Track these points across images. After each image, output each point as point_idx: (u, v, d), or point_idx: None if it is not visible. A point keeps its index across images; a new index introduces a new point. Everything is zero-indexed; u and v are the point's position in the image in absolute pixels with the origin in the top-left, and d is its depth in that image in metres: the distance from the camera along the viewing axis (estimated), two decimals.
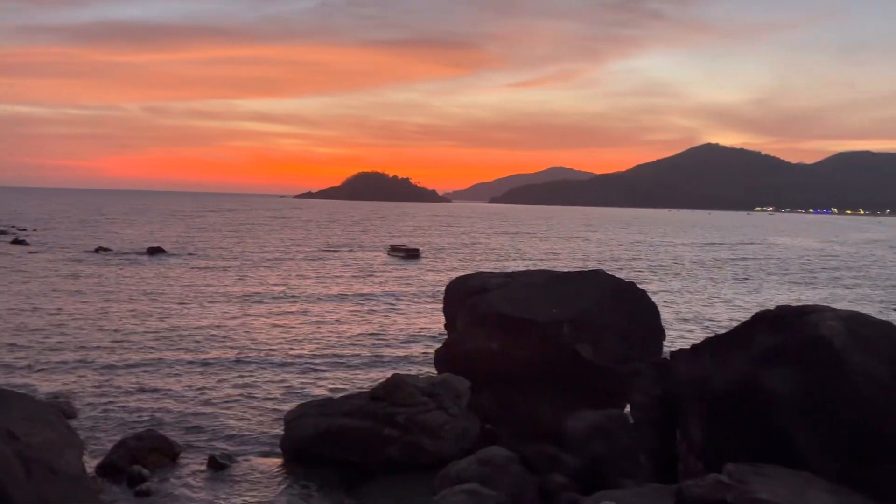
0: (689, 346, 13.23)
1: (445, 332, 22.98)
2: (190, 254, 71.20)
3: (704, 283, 64.02)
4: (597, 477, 14.66)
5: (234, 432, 19.21)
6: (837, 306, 19.25)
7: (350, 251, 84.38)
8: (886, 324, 10.00)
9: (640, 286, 21.97)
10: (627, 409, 15.71)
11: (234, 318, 36.48)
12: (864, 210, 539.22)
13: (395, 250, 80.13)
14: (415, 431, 16.52)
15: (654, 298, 22.50)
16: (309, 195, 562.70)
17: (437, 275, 59.95)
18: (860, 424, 8.86)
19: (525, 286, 20.13)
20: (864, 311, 33.38)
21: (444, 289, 23.70)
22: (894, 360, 9.13)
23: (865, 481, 8.73)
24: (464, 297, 20.69)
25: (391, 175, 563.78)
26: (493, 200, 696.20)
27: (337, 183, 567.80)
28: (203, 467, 16.65)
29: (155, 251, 69.22)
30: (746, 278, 69.99)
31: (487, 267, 64.44)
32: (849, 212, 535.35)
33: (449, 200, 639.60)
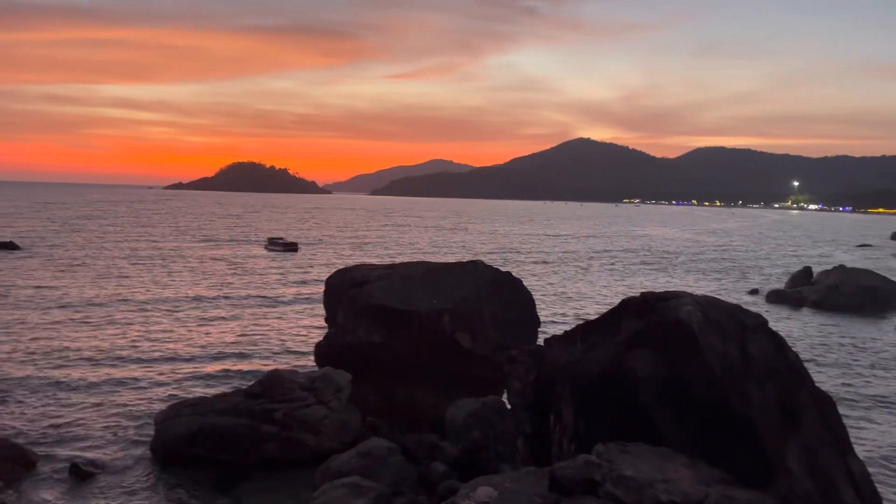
0: (561, 333, 13.75)
1: (326, 325, 22.70)
2: (45, 249, 66.30)
3: (577, 272, 66.73)
4: (476, 463, 15.01)
5: (99, 439, 18.12)
6: (695, 291, 20.58)
7: (224, 244, 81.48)
8: (735, 307, 10.81)
9: (516, 276, 22.66)
10: (506, 395, 16.17)
11: (97, 318, 34.35)
12: (720, 202, 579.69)
13: (272, 243, 78.18)
14: (294, 427, 16.24)
15: (530, 288, 23.28)
16: (180, 186, 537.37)
17: (317, 268, 59.08)
18: (713, 401, 9.55)
19: (405, 278, 20.22)
20: (717, 295, 35.78)
21: (323, 282, 23.40)
22: (742, 341, 9.90)
23: (718, 453, 9.42)
24: (344, 289, 20.51)
25: (268, 166, 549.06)
26: (374, 192, 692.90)
27: (210, 173, 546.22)
28: (65, 476, 15.61)
29: (5, 246, 63.95)
30: (616, 267, 73.56)
31: (368, 259, 64.18)
32: (706, 203, 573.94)
33: (329, 192, 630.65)
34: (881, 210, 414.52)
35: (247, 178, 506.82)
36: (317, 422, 16.38)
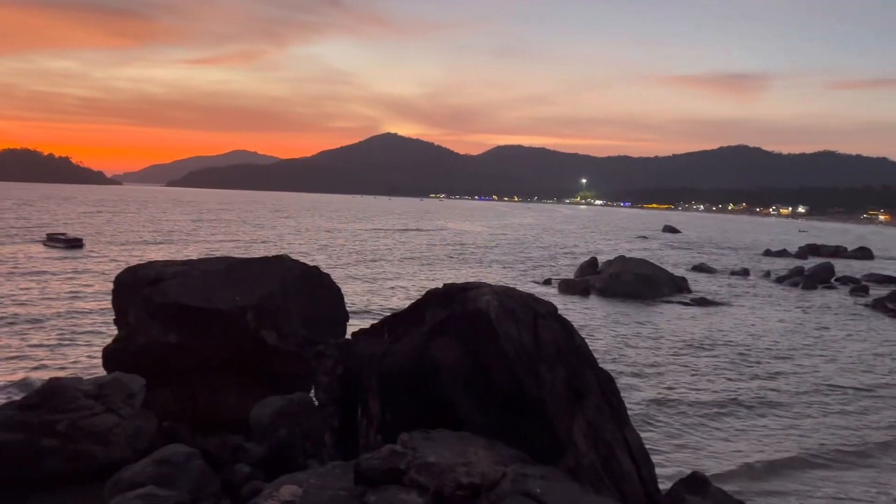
0: (368, 326, 13.85)
1: (115, 327, 21.00)
2: None
3: (386, 266, 67.54)
4: (283, 461, 14.71)
5: None
6: (494, 282, 21.65)
7: None
8: (529, 295, 11.55)
9: (324, 270, 22.44)
10: (313, 392, 15.99)
11: None
12: (518, 197, 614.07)
13: (53, 239, 70.89)
14: (79, 438, 14.88)
15: (339, 282, 23.17)
16: None
17: (104, 265, 54.51)
18: (509, 385, 10.14)
19: (205, 274, 19.26)
20: (514, 285, 37.86)
21: (112, 281, 21.61)
22: (535, 327, 10.60)
23: (514, 434, 10.01)
24: (136, 288, 19.10)
25: (46, 153, 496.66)
26: (171, 184, 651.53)
27: None
28: None
29: None
30: (422, 260, 75.40)
31: (163, 256, 60.32)
32: (506, 199, 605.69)
33: (119, 183, 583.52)
34: (655, 206, 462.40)
35: (22, 166, 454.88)
36: (106, 431, 15.14)
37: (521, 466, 8.84)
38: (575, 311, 44.42)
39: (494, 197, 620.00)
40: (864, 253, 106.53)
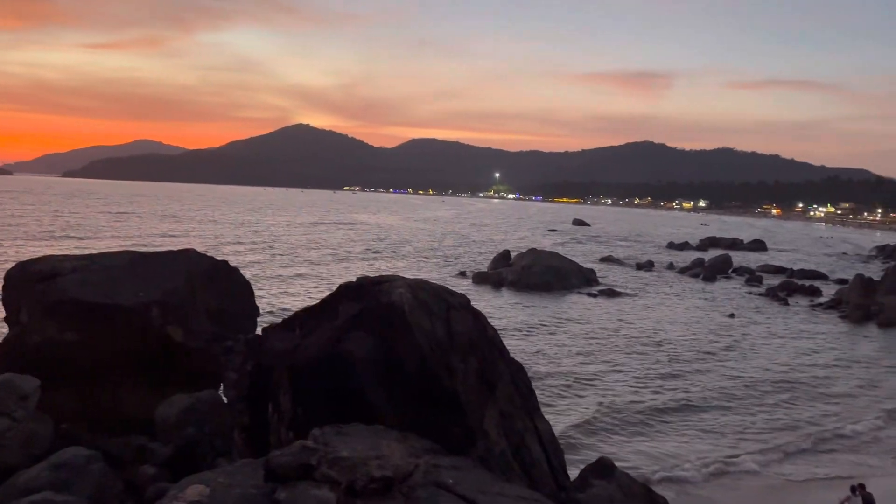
0: (280, 321, 13.61)
1: (5, 326, 19.79)
2: None
3: (298, 260, 66.46)
4: (191, 461, 14.25)
5: None
6: (409, 275, 21.66)
7: None
8: (442, 288, 11.64)
9: (234, 265, 21.86)
10: (223, 389, 15.59)
11: None
12: (433, 191, 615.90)
13: None
14: None
15: (249, 277, 22.63)
16: None
17: None
18: (423, 377, 10.20)
19: (106, 269, 18.39)
20: (430, 277, 37.94)
21: (1, 277, 20.35)
22: (447, 319, 10.70)
23: (428, 426, 10.08)
24: (29, 284, 18.04)
25: None
26: (67, 174, 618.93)
27: None
28: None
29: None
30: (336, 253, 74.62)
31: (60, 250, 57.28)
32: (421, 192, 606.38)
33: (10, 173, 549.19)
34: (565, 199, 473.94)
35: None
36: None
37: (433, 458, 8.91)
38: (488, 302, 45.05)
39: (409, 190, 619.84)
40: (758, 245, 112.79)
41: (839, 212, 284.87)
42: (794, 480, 19.38)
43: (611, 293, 53.34)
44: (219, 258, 21.47)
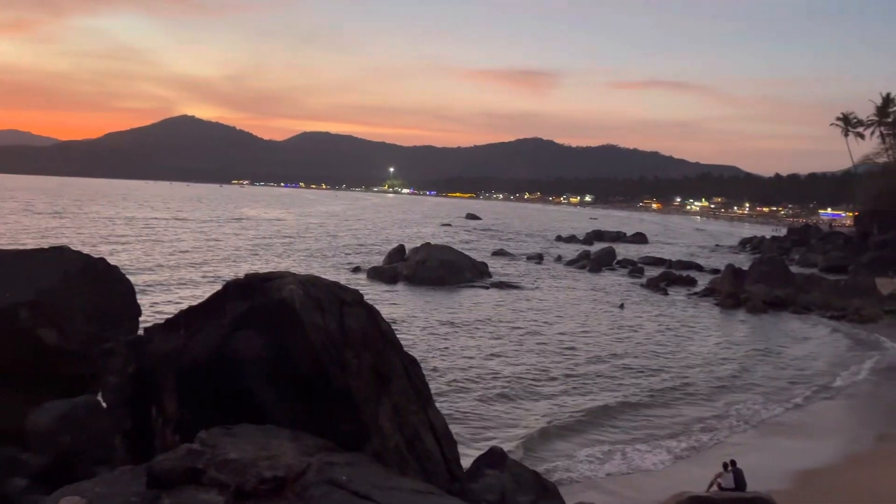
0: (163, 321, 13.04)
1: None
2: None
3: (181, 257, 63.89)
4: (68, 471, 13.44)
5: None
6: (303, 271, 21.26)
7: None
8: (335, 283, 11.50)
9: (113, 262, 20.76)
10: (101, 393, 14.77)
11: None
12: (326, 185, 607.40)
13: None
14: None
15: (130, 275, 21.56)
16: None
17: None
18: (315, 374, 10.05)
19: None
20: (324, 273, 37.54)
21: None
22: (340, 315, 10.59)
23: (322, 424, 9.96)
24: None
25: None
26: None
27: None
28: None
29: None
30: (224, 250, 72.28)
31: None
32: (314, 186, 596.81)
33: None
34: (459, 194, 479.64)
35: None
36: None
37: (327, 455, 8.82)
38: (383, 297, 44.99)
39: (301, 184, 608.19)
40: (640, 238, 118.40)
41: (712, 206, 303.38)
42: (677, 459, 20.53)
43: (503, 286, 54.53)
44: (96, 255, 20.34)
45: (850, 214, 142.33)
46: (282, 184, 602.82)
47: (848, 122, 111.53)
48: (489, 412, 23.64)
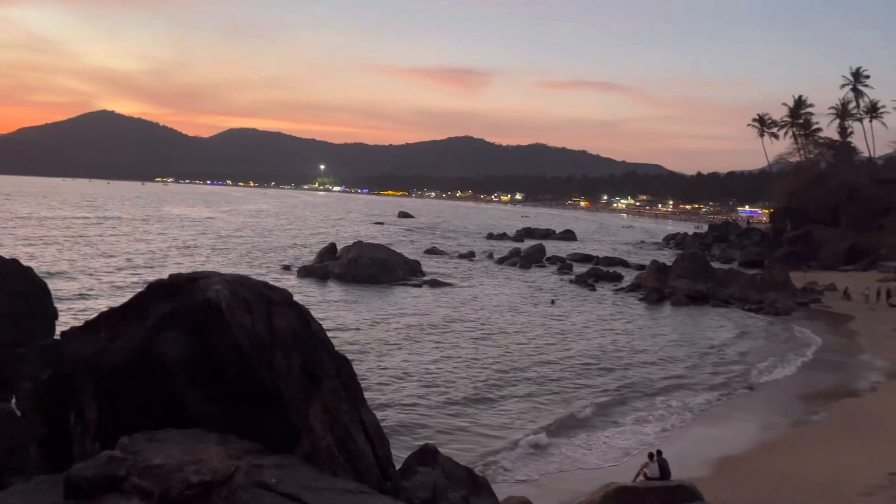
0: (82, 324, 12.52)
1: None
2: None
3: (105, 258, 61.59)
4: None
5: None
6: (231, 271, 20.79)
7: None
8: (263, 283, 11.29)
9: (26, 263, 19.83)
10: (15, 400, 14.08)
11: None
12: (254, 182, 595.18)
13: None
14: None
15: (45, 277, 20.65)
16: None
17: None
18: (243, 376, 9.85)
19: None
20: (253, 273, 36.97)
21: None
22: (269, 315, 10.40)
23: (251, 426, 9.77)
24: None
25: None
26: None
27: None
28: None
29: None
30: (148, 249, 70.03)
31: None
32: (241, 184, 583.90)
33: None
34: (390, 192, 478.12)
35: None
36: None
37: (255, 458, 8.65)
38: (314, 296, 44.47)
39: (228, 182, 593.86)
40: (569, 235, 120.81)
41: (638, 203, 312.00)
42: (606, 451, 21.03)
43: (436, 284, 54.68)
44: (7, 256, 19.38)
45: (766, 211, 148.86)
46: (208, 182, 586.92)
47: (763, 123, 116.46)
48: (423, 410, 23.67)
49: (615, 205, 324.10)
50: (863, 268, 72.07)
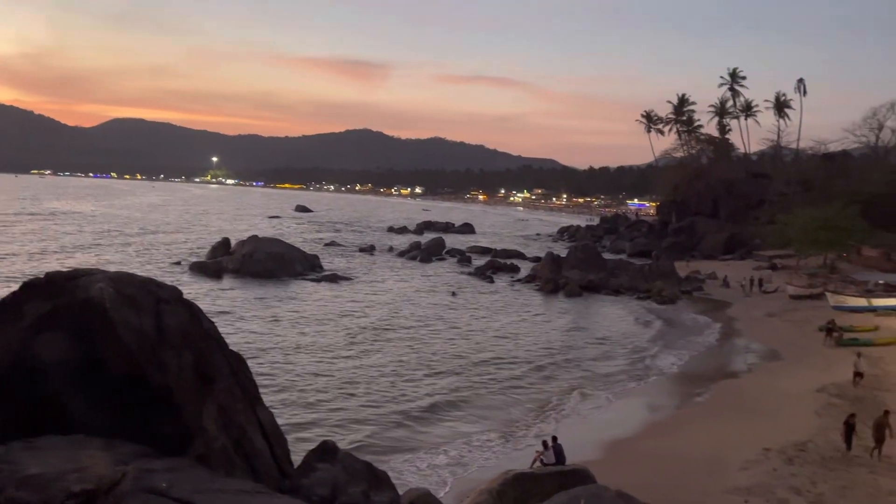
0: None
1: None
2: None
3: None
4: None
5: None
6: (118, 268, 19.79)
7: None
8: (150, 280, 10.82)
9: None
10: None
11: None
12: (140, 175, 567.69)
13: None
14: None
15: None
16: None
17: None
18: (130, 377, 9.42)
19: None
20: (141, 270, 35.48)
21: None
22: (157, 314, 9.99)
23: (138, 429, 9.36)
24: None
25: None
26: None
27: None
28: None
29: None
30: (22, 247, 65.61)
31: None
32: (127, 176, 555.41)
33: None
34: (287, 185, 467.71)
35: None
36: None
37: (145, 462, 8.31)
38: (206, 293, 43.01)
39: (113, 174, 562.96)
40: (467, 228, 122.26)
41: (533, 197, 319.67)
42: (507, 441, 21.49)
43: (335, 278, 54.07)
44: None
45: (653, 204, 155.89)
46: (90, 174, 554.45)
47: (650, 120, 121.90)
48: (323, 407, 23.41)
49: (512, 198, 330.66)
50: (740, 257, 76.93)
